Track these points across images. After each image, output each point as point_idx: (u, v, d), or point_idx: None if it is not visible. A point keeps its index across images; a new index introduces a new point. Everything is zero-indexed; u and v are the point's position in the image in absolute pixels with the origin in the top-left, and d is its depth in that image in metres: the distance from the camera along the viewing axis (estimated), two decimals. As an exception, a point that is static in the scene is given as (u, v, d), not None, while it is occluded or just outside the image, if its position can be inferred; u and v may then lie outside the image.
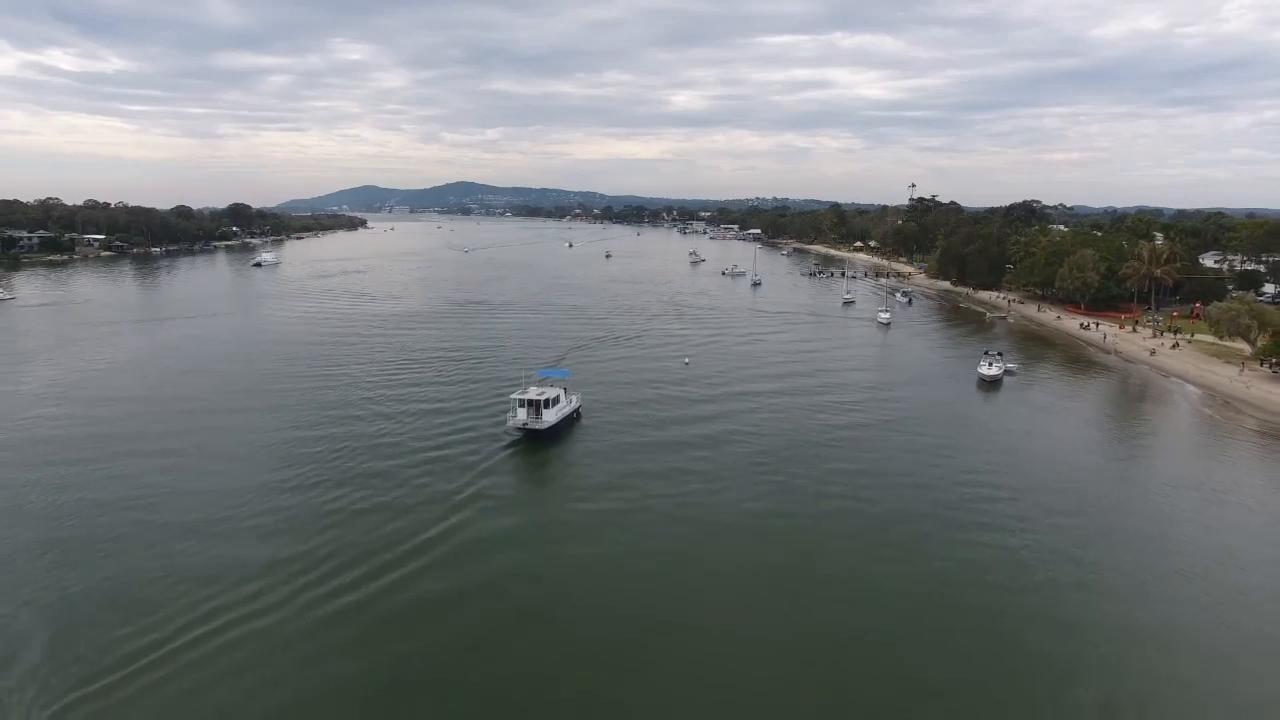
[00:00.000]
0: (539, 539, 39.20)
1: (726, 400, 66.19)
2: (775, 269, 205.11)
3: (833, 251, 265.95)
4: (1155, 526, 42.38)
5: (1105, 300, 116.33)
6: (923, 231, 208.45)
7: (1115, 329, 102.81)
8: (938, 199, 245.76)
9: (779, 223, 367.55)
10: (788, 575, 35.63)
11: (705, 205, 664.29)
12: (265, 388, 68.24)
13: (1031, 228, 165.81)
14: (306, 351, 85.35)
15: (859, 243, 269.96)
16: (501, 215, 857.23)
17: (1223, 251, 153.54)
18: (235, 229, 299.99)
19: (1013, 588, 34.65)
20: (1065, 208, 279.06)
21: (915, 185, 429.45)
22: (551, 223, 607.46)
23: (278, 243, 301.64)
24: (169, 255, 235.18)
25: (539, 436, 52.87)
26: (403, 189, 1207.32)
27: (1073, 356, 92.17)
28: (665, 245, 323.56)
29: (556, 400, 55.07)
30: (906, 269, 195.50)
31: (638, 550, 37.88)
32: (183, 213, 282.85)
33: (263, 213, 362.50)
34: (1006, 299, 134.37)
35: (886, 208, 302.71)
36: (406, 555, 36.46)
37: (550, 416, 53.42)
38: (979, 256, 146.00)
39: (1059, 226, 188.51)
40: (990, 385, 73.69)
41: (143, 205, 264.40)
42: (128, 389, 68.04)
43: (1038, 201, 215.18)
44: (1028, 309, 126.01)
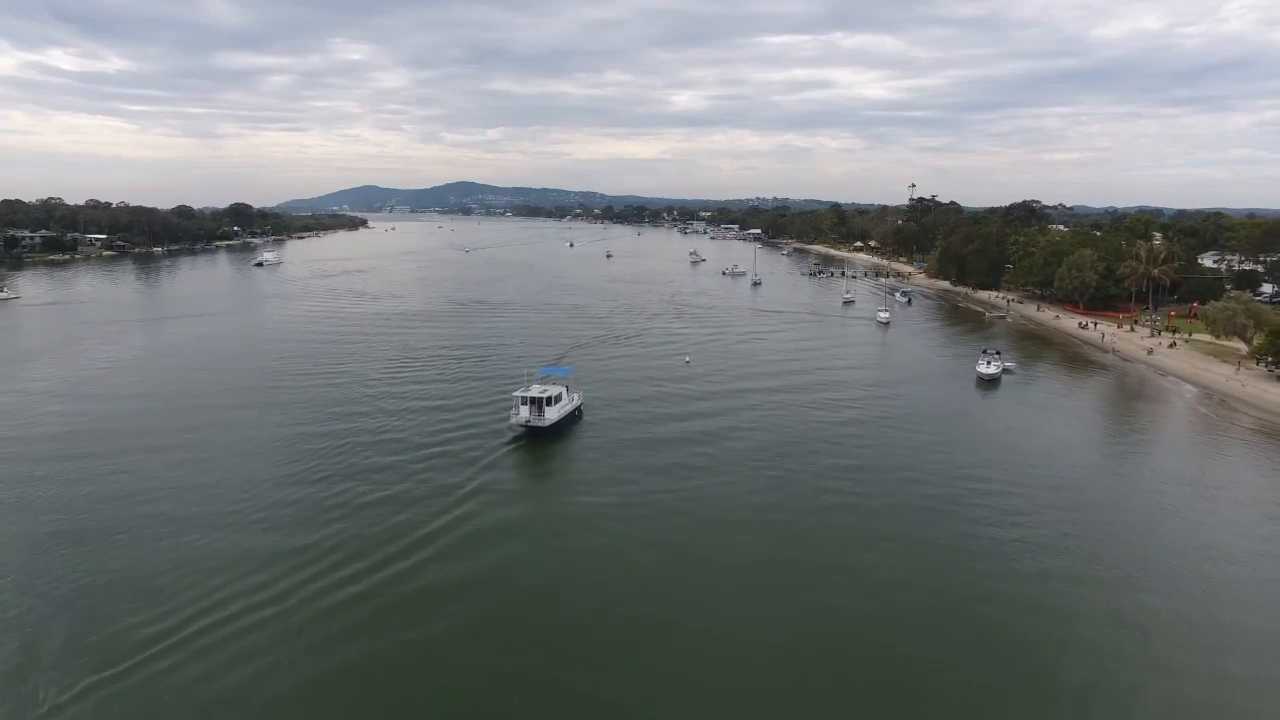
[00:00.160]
0: (541, 532, 39.94)
1: (726, 398, 66.85)
2: (775, 269, 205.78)
3: (833, 251, 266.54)
4: (1148, 521, 43.10)
5: (1103, 300, 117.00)
6: (922, 231, 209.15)
7: (1113, 328, 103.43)
8: (938, 199, 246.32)
9: (779, 223, 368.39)
10: (786, 568, 36.29)
11: (705, 205, 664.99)
12: (269, 385, 68.92)
13: (1031, 228, 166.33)
14: (310, 350, 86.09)
15: (859, 243, 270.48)
16: (502, 215, 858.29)
17: (1221, 251, 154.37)
18: (236, 229, 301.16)
19: (1008, 579, 35.29)
20: (1065, 208, 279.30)
21: (915, 185, 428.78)
22: (552, 223, 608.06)
23: (279, 242, 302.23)
24: (171, 255, 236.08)
25: (541, 433, 53.54)
26: (403, 189, 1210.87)
27: (1071, 355, 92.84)
28: (666, 245, 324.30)
29: (558, 398, 55.73)
30: (906, 269, 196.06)
31: (638, 543, 38.56)
32: (184, 213, 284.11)
33: (263, 213, 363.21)
34: (1005, 298, 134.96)
35: (886, 208, 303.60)
36: (411, 547, 37.15)
37: (552, 414, 54.09)
38: (978, 256, 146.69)
39: (1058, 226, 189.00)
40: (989, 384, 74.32)
41: (144, 205, 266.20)
42: (134, 386, 68.79)
43: (1037, 201, 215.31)
44: (1026, 308, 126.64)
